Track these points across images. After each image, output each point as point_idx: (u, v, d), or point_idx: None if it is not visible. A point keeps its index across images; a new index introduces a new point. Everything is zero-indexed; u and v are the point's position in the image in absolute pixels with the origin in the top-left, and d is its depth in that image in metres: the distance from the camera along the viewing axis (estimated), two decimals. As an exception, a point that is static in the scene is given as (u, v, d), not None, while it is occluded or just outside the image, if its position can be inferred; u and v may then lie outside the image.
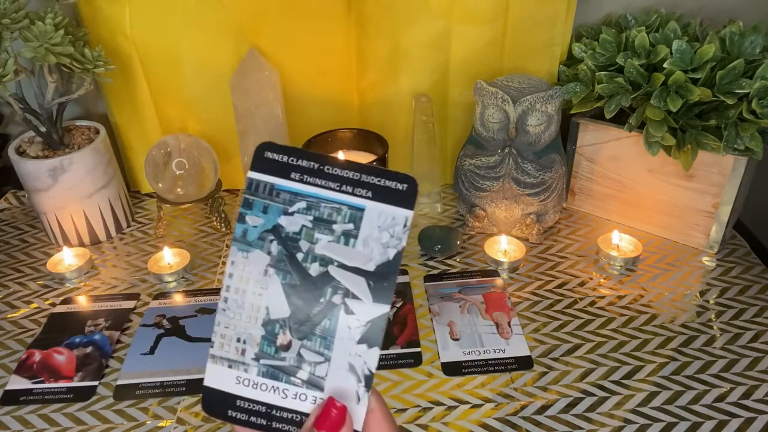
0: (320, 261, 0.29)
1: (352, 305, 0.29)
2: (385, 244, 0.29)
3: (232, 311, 0.30)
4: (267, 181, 0.29)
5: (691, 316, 0.66)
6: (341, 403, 0.29)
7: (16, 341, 0.66)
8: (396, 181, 0.29)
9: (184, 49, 0.79)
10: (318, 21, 0.76)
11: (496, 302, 0.68)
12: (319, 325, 0.29)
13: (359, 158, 0.72)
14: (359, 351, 0.29)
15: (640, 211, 0.78)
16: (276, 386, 0.30)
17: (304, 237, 0.29)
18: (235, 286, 0.30)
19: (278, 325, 0.29)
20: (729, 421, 0.54)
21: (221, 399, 0.30)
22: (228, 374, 0.30)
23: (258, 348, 0.30)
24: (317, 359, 0.29)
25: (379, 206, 0.29)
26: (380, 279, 0.29)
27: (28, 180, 0.75)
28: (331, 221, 0.29)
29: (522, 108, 0.70)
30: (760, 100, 0.64)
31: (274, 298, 0.29)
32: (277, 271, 0.29)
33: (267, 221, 0.29)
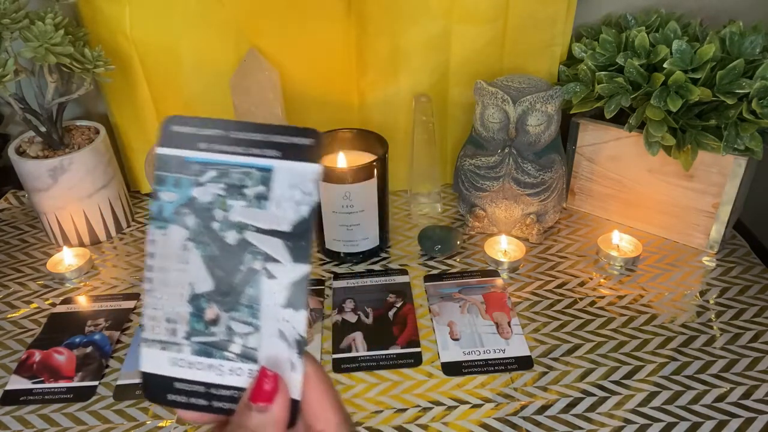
0: (236, 228, 0.28)
1: (272, 269, 0.28)
2: (297, 201, 0.28)
3: (158, 291, 0.29)
4: (176, 155, 0.29)
5: (691, 316, 0.66)
6: (273, 371, 0.28)
7: (16, 341, 0.66)
8: (300, 137, 0.28)
9: (184, 49, 0.79)
10: (318, 21, 0.76)
11: (496, 302, 0.68)
12: (243, 294, 0.28)
13: (359, 158, 0.72)
14: (286, 316, 0.28)
15: (640, 211, 0.78)
16: (211, 363, 0.29)
17: (217, 206, 0.28)
18: (158, 265, 0.29)
19: (204, 300, 0.29)
20: (729, 421, 0.54)
21: (160, 383, 0.29)
22: (163, 357, 0.29)
23: (188, 326, 0.29)
24: (247, 330, 0.28)
25: (287, 164, 0.28)
26: (297, 238, 0.28)
27: (28, 180, 0.75)
28: (242, 186, 0.28)
29: (522, 108, 0.70)
30: (760, 100, 0.64)
31: (196, 272, 0.29)
32: (196, 244, 0.28)
33: (181, 195, 0.29)
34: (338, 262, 0.76)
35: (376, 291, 0.71)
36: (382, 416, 0.56)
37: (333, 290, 0.71)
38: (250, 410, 0.27)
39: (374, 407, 0.57)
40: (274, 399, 0.27)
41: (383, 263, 0.76)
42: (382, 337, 0.64)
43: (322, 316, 0.68)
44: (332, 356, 0.62)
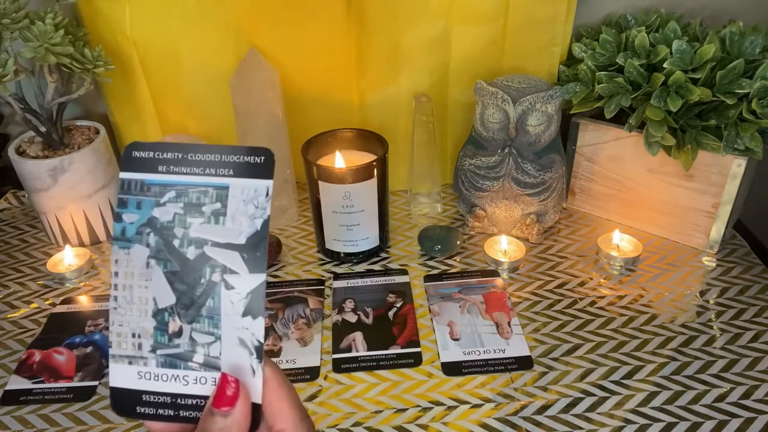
0: (196, 244, 0.30)
1: (230, 280, 0.30)
2: (251, 215, 0.30)
3: (123, 308, 0.31)
4: (137, 179, 0.30)
5: (691, 316, 0.66)
6: (234, 377, 0.30)
7: (16, 341, 0.66)
8: (253, 155, 0.30)
9: (184, 49, 0.79)
10: (318, 21, 0.76)
11: (496, 302, 0.68)
12: (204, 306, 0.30)
13: (359, 158, 0.72)
14: (245, 324, 0.30)
15: (640, 211, 0.78)
16: (176, 374, 0.30)
17: (177, 224, 0.30)
18: (122, 283, 0.31)
19: (167, 313, 0.30)
20: (729, 421, 0.54)
21: (128, 397, 0.31)
22: (130, 371, 0.31)
23: (153, 339, 0.30)
24: (208, 339, 0.30)
25: (241, 181, 0.30)
26: (252, 249, 0.30)
27: (28, 180, 0.75)
28: (200, 204, 0.30)
29: (522, 108, 0.70)
30: (760, 100, 0.64)
31: (158, 287, 0.30)
32: (157, 261, 0.30)
33: (142, 215, 0.30)
34: (338, 262, 0.76)
35: (376, 291, 0.71)
36: (382, 416, 0.56)
37: (333, 290, 0.71)
38: (213, 416, 0.29)
39: (374, 407, 0.57)
40: (236, 403, 0.29)
41: (383, 263, 0.76)
42: (382, 337, 0.64)
43: (322, 316, 0.68)
44: (332, 356, 0.62)
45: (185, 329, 0.30)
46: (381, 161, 0.70)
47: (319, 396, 0.58)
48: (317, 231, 0.76)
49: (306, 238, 0.81)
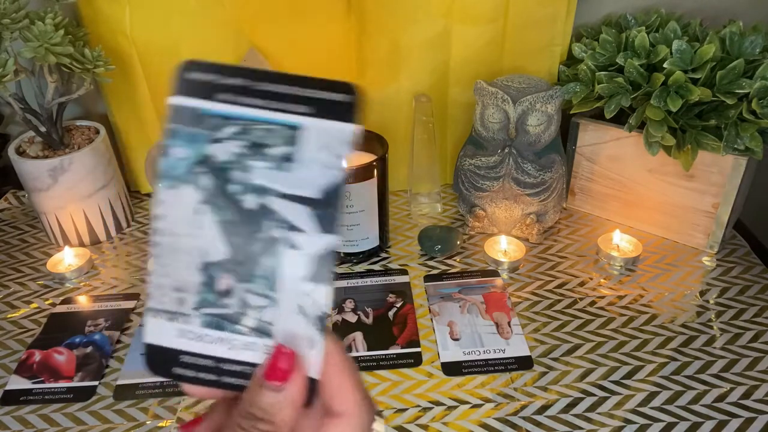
0: (257, 191, 0.25)
1: (295, 239, 0.25)
2: (327, 165, 0.26)
3: (166, 257, 0.26)
4: (191, 106, 0.25)
5: (691, 316, 0.66)
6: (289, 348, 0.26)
7: (16, 341, 0.66)
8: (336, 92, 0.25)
9: (184, 48, 0.79)
10: (318, 21, 0.76)
11: (496, 302, 0.68)
12: (260, 265, 0.26)
13: (359, 158, 0.72)
14: (307, 289, 0.26)
15: (640, 211, 0.78)
16: (222, 337, 0.26)
17: (237, 166, 0.25)
18: (167, 229, 0.26)
19: (216, 269, 0.26)
20: (729, 421, 0.54)
21: (164, 356, 0.27)
22: (168, 328, 0.27)
23: (198, 296, 0.26)
24: (263, 303, 0.26)
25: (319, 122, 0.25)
26: (325, 206, 0.25)
27: (28, 180, 0.75)
28: (266, 145, 0.25)
29: (522, 108, 0.70)
30: (760, 100, 0.64)
31: (209, 238, 0.26)
32: (210, 207, 0.26)
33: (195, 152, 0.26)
34: (338, 262, 0.76)
35: (376, 291, 0.71)
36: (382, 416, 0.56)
37: (333, 290, 0.71)
38: (263, 388, 0.26)
39: (374, 407, 0.57)
40: (290, 378, 0.25)
41: (383, 263, 0.76)
42: (382, 337, 0.64)
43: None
44: (332, 356, 0.62)
45: (236, 288, 0.26)
46: (381, 161, 0.70)
47: (319, 396, 0.58)
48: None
49: (306, 238, 0.81)
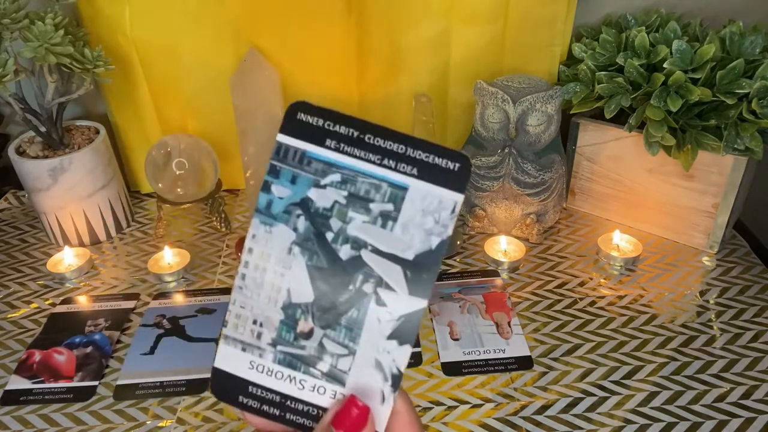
0: (352, 243, 0.26)
1: (384, 296, 0.26)
2: (428, 230, 0.26)
3: (250, 290, 0.27)
4: (298, 147, 0.26)
5: (691, 316, 0.66)
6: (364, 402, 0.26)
7: (16, 341, 0.66)
8: (447, 159, 0.25)
9: (184, 49, 0.79)
10: (318, 21, 0.76)
11: (496, 302, 0.68)
12: (345, 315, 0.26)
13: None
14: (388, 347, 0.26)
15: (640, 211, 0.78)
16: (293, 376, 0.27)
17: (336, 215, 0.26)
18: (255, 263, 0.27)
19: (300, 310, 0.27)
20: (729, 421, 0.54)
21: (232, 383, 0.28)
22: (241, 358, 0.27)
23: (276, 333, 0.27)
24: (341, 351, 0.27)
25: (425, 186, 0.26)
26: (419, 270, 0.26)
27: (28, 180, 0.75)
28: (368, 199, 0.26)
29: (522, 108, 0.70)
30: (760, 100, 0.64)
31: (297, 279, 0.26)
32: (302, 250, 0.26)
33: (295, 193, 0.26)
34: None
35: (376, 291, 0.71)
36: None
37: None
38: None
39: (374, 407, 0.57)
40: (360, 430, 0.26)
41: (383, 263, 0.76)
42: (382, 337, 0.64)
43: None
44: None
45: (317, 333, 0.27)
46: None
47: (319, 396, 0.58)
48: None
49: (306, 238, 0.81)
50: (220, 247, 0.80)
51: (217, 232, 0.83)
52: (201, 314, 0.68)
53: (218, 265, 0.77)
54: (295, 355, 0.27)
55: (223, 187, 0.87)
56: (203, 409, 0.57)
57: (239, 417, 0.56)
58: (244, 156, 0.80)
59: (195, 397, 0.59)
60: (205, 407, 0.58)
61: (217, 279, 0.74)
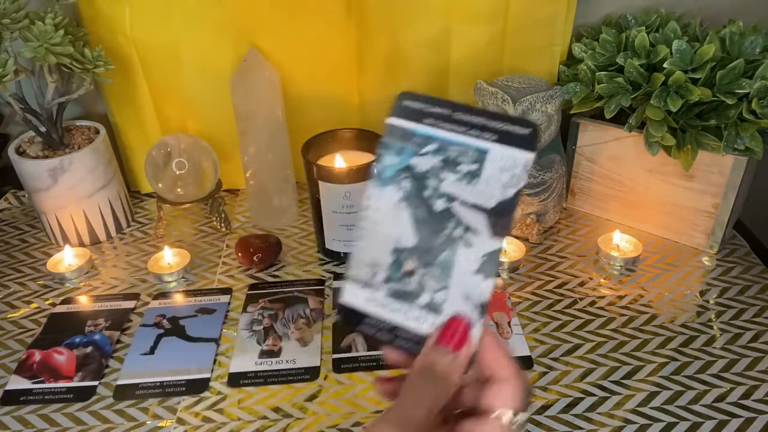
0: (445, 198, 0.32)
1: (470, 239, 0.31)
2: (505, 183, 0.31)
3: (367, 240, 0.33)
4: (403, 126, 0.33)
5: (691, 316, 0.66)
6: (466, 318, 0.31)
7: (16, 341, 0.66)
8: (519, 126, 0.31)
9: (184, 49, 0.79)
10: (318, 21, 0.76)
11: (496, 302, 0.68)
12: (440, 256, 0.32)
13: (359, 158, 0.72)
14: (476, 281, 0.31)
15: (640, 211, 0.78)
16: (400, 308, 0.33)
17: (432, 176, 0.32)
18: (372, 217, 0.33)
19: (405, 253, 0.33)
20: (729, 421, 0.54)
21: (354, 314, 0.34)
22: (361, 294, 0.34)
23: (387, 272, 0.33)
24: (437, 286, 0.32)
25: (502, 149, 0.31)
26: (499, 216, 0.31)
27: (28, 180, 0.75)
28: (457, 162, 0.32)
29: (522, 108, 0.70)
30: (760, 100, 0.64)
31: (403, 228, 0.33)
32: (407, 204, 0.33)
33: (401, 161, 0.33)
34: (338, 262, 0.76)
35: (376, 291, 0.71)
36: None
37: (333, 290, 0.71)
38: (439, 350, 0.31)
39: (374, 407, 0.57)
40: (463, 344, 0.31)
41: (383, 263, 0.76)
42: (382, 337, 0.64)
43: (322, 316, 0.68)
44: (332, 356, 0.62)
45: (418, 272, 0.32)
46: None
47: (319, 396, 0.58)
48: (317, 231, 0.76)
49: (306, 238, 0.81)
50: (220, 247, 0.80)
51: (217, 232, 0.83)
52: (201, 314, 0.69)
53: (218, 265, 0.77)
54: (402, 290, 0.33)
55: (223, 187, 0.87)
56: (203, 409, 0.57)
57: (238, 417, 0.56)
58: (244, 156, 0.80)
59: (195, 397, 0.59)
60: (205, 407, 0.58)
61: (217, 279, 0.74)
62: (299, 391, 0.59)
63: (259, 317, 0.68)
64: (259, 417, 0.56)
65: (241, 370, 0.61)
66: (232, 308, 0.70)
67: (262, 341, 0.65)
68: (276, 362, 0.62)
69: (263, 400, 0.58)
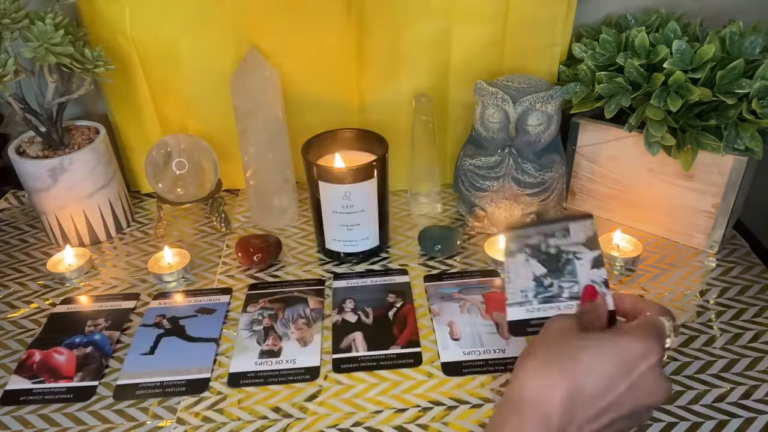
0: (554, 247, 0.52)
1: (579, 256, 0.51)
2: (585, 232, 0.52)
3: (513, 281, 0.52)
4: (517, 246, 0.53)
5: (691, 316, 0.66)
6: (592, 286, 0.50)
7: (16, 341, 0.66)
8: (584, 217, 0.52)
9: (184, 49, 0.79)
10: (318, 21, 0.76)
11: (496, 302, 0.68)
12: (564, 270, 0.51)
13: (359, 158, 0.72)
14: (593, 272, 0.51)
15: (640, 211, 0.78)
16: (551, 305, 0.51)
17: (542, 244, 0.52)
18: (513, 270, 0.53)
19: (541, 277, 0.52)
20: (729, 421, 0.54)
21: (520, 325, 0.52)
22: (521, 310, 0.52)
23: (534, 290, 0.52)
24: (570, 285, 0.51)
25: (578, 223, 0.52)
26: (588, 244, 0.51)
27: (28, 180, 0.75)
28: (553, 234, 0.52)
29: (522, 108, 0.70)
30: (760, 100, 0.64)
31: (535, 268, 0.52)
32: (533, 257, 0.52)
33: (520, 244, 0.53)
34: (338, 262, 0.76)
35: (376, 291, 0.71)
36: (382, 416, 0.56)
37: (333, 290, 0.71)
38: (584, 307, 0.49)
39: (374, 407, 0.57)
40: (595, 297, 0.49)
41: (383, 263, 0.76)
42: (382, 337, 0.64)
43: (322, 316, 0.68)
44: (332, 356, 0.62)
45: (555, 283, 0.51)
46: (381, 161, 0.70)
47: (319, 396, 0.58)
48: (317, 231, 0.76)
49: (306, 238, 0.81)
50: (220, 247, 0.80)
51: (217, 232, 0.83)
52: (201, 314, 0.69)
53: (218, 265, 0.77)
54: (548, 296, 0.51)
55: (223, 187, 0.87)
56: (203, 409, 0.57)
57: (238, 417, 0.57)
58: (244, 156, 0.80)
59: (195, 397, 0.59)
60: (205, 407, 0.58)
61: (217, 279, 0.74)
62: (299, 391, 0.59)
63: (259, 317, 0.68)
64: (259, 417, 0.56)
65: (241, 370, 0.61)
66: (232, 308, 0.70)
67: (262, 341, 0.65)
68: (276, 362, 0.62)
69: (263, 400, 0.58)
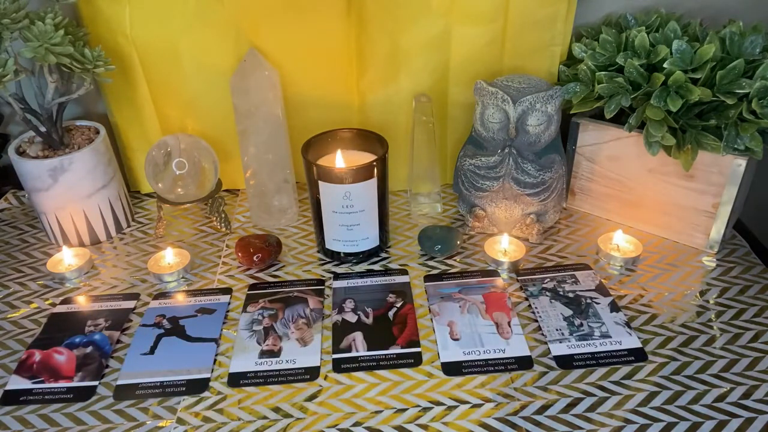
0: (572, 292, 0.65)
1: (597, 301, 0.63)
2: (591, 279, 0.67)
3: (545, 320, 0.63)
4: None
5: (691, 316, 0.66)
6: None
7: (16, 341, 0.66)
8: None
9: (184, 49, 0.79)
10: (318, 21, 0.76)
11: (496, 302, 0.68)
12: (590, 313, 0.63)
13: (359, 158, 0.72)
14: (611, 315, 0.63)
15: (640, 211, 0.78)
16: (588, 342, 0.60)
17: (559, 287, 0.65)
18: (542, 311, 0.64)
19: (570, 318, 0.63)
20: (729, 421, 0.54)
21: (566, 360, 0.60)
22: (562, 347, 0.61)
23: (568, 330, 0.62)
24: (598, 325, 0.62)
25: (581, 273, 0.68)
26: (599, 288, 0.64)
27: (28, 180, 0.75)
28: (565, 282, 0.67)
29: (522, 108, 0.70)
30: (760, 100, 0.64)
31: (561, 310, 0.63)
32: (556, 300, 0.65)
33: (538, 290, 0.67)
34: (338, 262, 0.76)
35: (376, 291, 0.71)
36: (382, 416, 0.56)
37: (333, 290, 0.71)
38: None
39: (374, 407, 0.57)
40: None
41: (383, 263, 0.76)
42: (382, 337, 0.64)
43: (322, 316, 0.68)
44: (332, 356, 0.62)
45: (584, 323, 0.63)
46: (381, 161, 0.70)
47: (319, 396, 0.58)
48: (317, 231, 0.76)
49: (306, 238, 0.81)
50: (220, 247, 0.80)
51: (217, 232, 0.83)
52: (201, 314, 0.69)
53: (218, 265, 0.77)
54: (582, 334, 0.61)
55: (223, 187, 0.87)
56: (203, 409, 0.57)
57: (238, 417, 0.56)
58: (244, 156, 0.80)
59: (195, 397, 0.59)
60: (205, 407, 0.58)
61: (217, 279, 0.74)
62: (299, 391, 0.59)
63: (259, 317, 0.68)
64: (259, 417, 0.56)
65: (241, 370, 0.61)
66: (232, 308, 0.70)
67: (262, 341, 0.65)
68: (276, 362, 0.62)
69: (263, 400, 0.58)
